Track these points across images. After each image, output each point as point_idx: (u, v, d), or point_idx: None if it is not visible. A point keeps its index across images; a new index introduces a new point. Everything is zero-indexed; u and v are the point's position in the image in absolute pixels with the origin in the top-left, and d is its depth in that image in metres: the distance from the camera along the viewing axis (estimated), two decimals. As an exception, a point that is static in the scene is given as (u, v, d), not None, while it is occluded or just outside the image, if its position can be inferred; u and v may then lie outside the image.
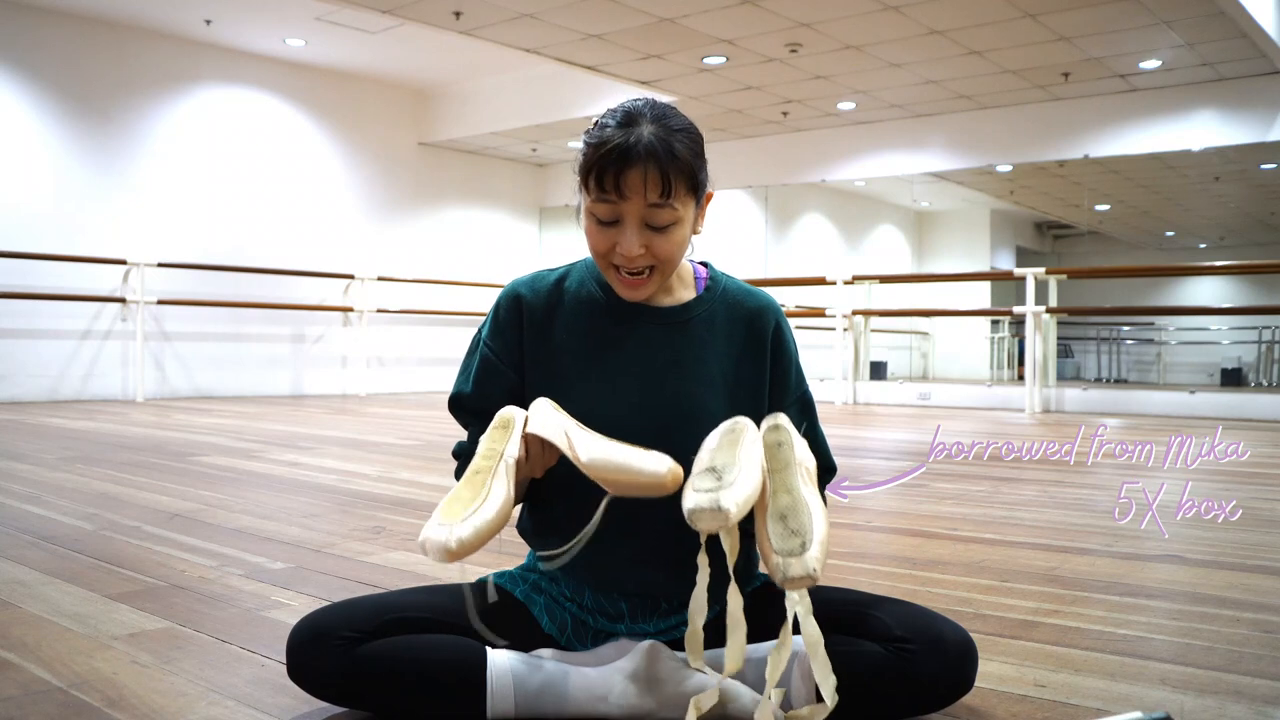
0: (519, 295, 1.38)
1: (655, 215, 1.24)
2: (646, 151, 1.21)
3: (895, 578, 2.11)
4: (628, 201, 1.23)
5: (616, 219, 1.25)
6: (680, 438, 1.28)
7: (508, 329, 1.37)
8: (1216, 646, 1.62)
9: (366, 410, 7.54)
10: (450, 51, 8.86)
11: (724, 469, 1.09)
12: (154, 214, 8.60)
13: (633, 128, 1.23)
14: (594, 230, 1.28)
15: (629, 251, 1.25)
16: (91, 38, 8.22)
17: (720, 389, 1.35)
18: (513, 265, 11.64)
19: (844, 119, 9.83)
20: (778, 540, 1.08)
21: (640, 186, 1.22)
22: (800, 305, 10.63)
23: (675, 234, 1.27)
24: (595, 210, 1.26)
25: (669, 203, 1.24)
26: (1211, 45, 7.31)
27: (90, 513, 2.82)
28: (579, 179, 1.28)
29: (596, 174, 1.23)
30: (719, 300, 1.39)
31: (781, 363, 1.40)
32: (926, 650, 1.21)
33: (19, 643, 1.59)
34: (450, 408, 1.41)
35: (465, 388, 1.39)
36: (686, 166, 1.24)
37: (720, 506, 1.03)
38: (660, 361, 1.34)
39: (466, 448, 1.39)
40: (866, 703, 1.20)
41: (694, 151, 1.26)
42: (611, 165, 1.22)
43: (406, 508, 2.99)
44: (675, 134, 1.24)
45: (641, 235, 1.25)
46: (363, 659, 1.21)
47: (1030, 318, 7.88)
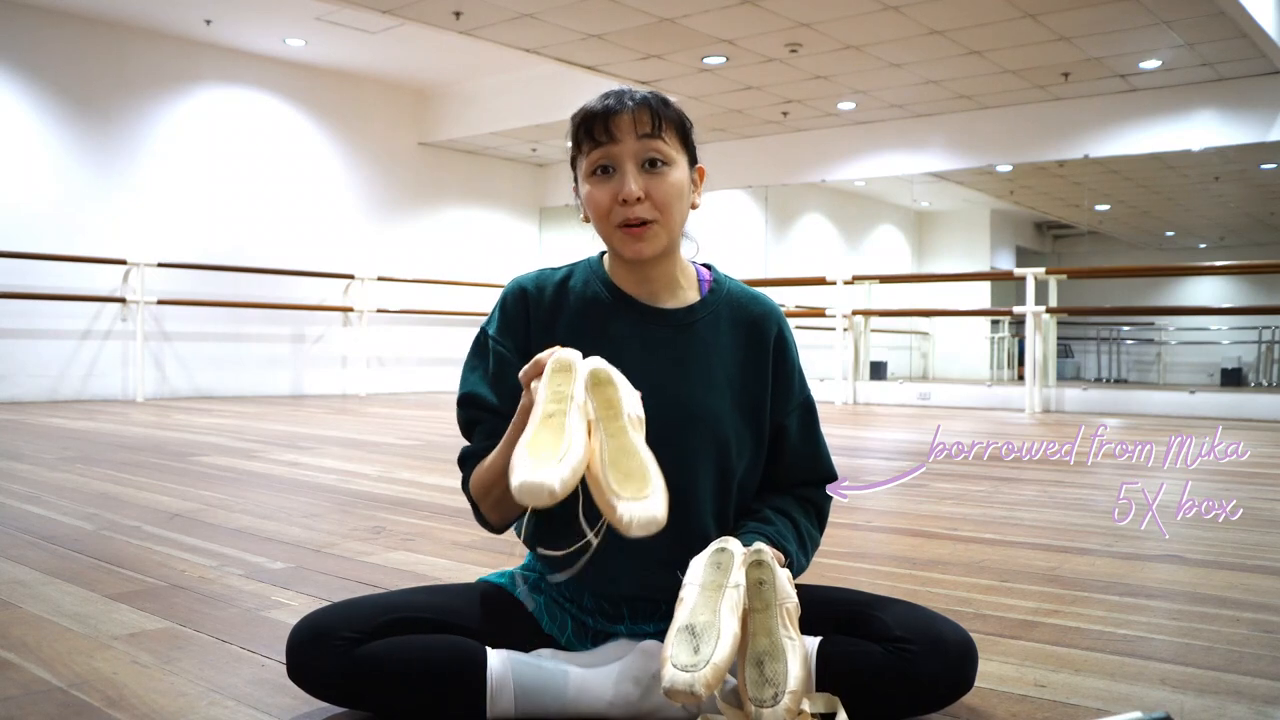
0: (525, 290, 1.37)
1: (648, 149, 1.27)
2: (630, 98, 1.28)
3: (895, 578, 2.11)
4: (619, 143, 1.27)
5: (611, 164, 1.28)
6: (683, 439, 1.30)
7: (516, 323, 1.37)
8: (1216, 646, 1.62)
9: (366, 410, 7.54)
10: (450, 51, 8.86)
11: (703, 632, 1.10)
12: (154, 214, 8.60)
13: (620, 93, 1.30)
14: (594, 189, 1.29)
15: (629, 193, 1.26)
16: (91, 38, 8.22)
17: (724, 391, 1.35)
18: (513, 265, 11.64)
19: (844, 119, 9.83)
20: (752, 688, 1.11)
21: (630, 124, 1.26)
22: (800, 305, 10.63)
23: (671, 175, 1.29)
24: (591, 165, 1.29)
25: (660, 135, 1.28)
26: (1211, 45, 7.31)
27: (90, 513, 2.82)
28: (572, 152, 1.32)
29: (587, 128, 1.27)
30: (723, 303, 1.39)
31: (784, 369, 1.40)
32: (927, 650, 1.21)
33: (19, 643, 1.59)
34: (463, 406, 1.38)
35: (479, 387, 1.36)
36: (675, 114, 1.30)
37: (694, 691, 1.05)
38: (664, 362, 1.34)
39: (478, 444, 1.35)
40: (867, 703, 1.21)
41: (680, 112, 1.31)
42: (599, 116, 1.27)
43: (406, 508, 2.99)
44: (654, 94, 1.30)
45: (639, 178, 1.27)
46: (363, 659, 1.20)
47: (1030, 318, 7.88)
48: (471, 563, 2.24)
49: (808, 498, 1.43)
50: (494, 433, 1.31)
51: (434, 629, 1.26)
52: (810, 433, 1.43)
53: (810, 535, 1.40)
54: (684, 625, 1.11)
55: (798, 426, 1.41)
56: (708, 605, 1.14)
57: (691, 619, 1.12)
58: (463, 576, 2.05)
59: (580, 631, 1.35)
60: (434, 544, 2.45)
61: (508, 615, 1.34)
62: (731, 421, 1.34)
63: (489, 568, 1.96)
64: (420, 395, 9.86)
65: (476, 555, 2.33)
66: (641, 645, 1.26)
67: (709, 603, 1.14)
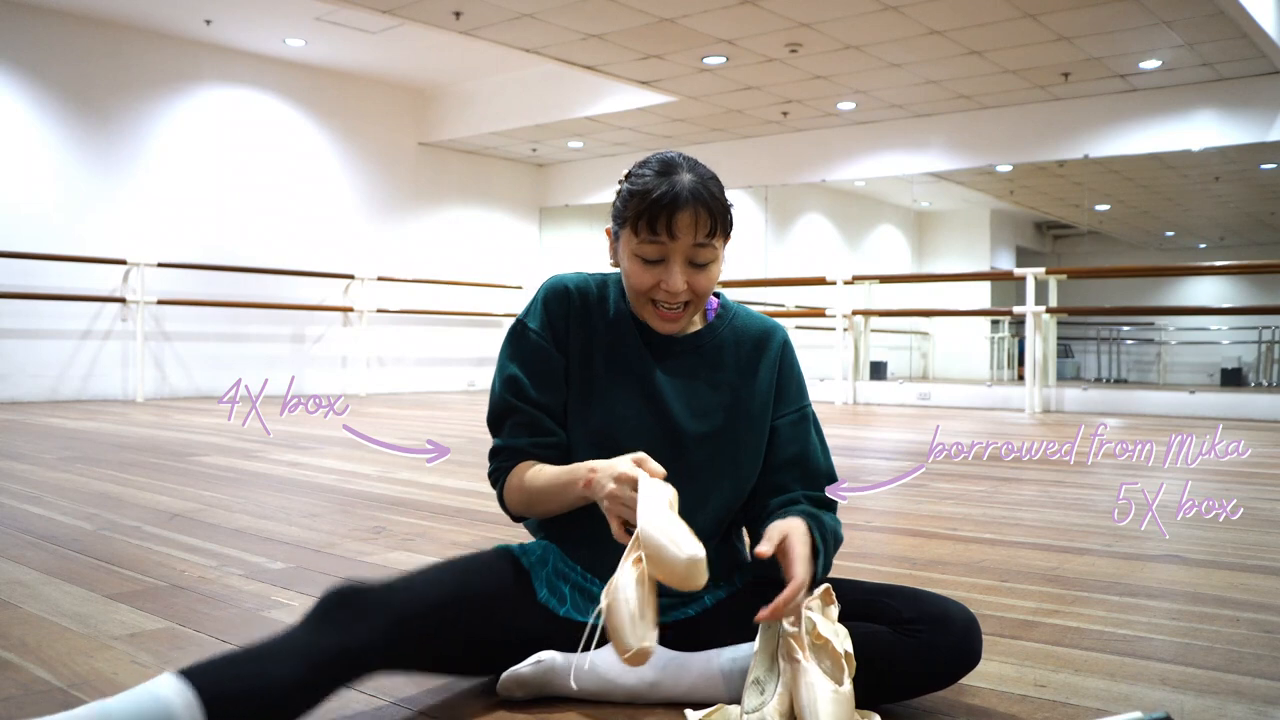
0: (568, 289, 1.43)
1: (699, 253, 1.34)
2: (693, 195, 1.32)
3: (895, 578, 2.11)
4: (677, 241, 1.32)
5: (662, 258, 1.34)
6: (689, 459, 1.38)
7: (556, 317, 1.42)
8: (1216, 646, 1.62)
9: (366, 410, 7.54)
10: (450, 51, 8.86)
11: (766, 678, 1.21)
12: (154, 214, 8.60)
13: (673, 175, 1.33)
14: (638, 269, 1.35)
15: (675, 288, 1.33)
16: (91, 38, 8.22)
17: (728, 411, 1.42)
18: (512, 265, 11.64)
19: (844, 119, 9.83)
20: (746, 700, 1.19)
21: (690, 228, 1.32)
22: (800, 305, 10.62)
23: (713, 270, 1.37)
24: (642, 251, 1.34)
25: (711, 241, 1.34)
26: (1211, 45, 7.31)
27: (90, 513, 2.82)
28: (619, 224, 1.36)
29: (648, 219, 1.32)
30: (727, 327, 1.46)
31: (784, 375, 1.46)
32: (933, 627, 1.26)
33: (19, 643, 1.59)
34: (504, 392, 1.41)
35: (518, 373, 1.40)
36: (723, 208, 1.36)
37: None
38: (671, 388, 1.41)
39: (515, 438, 1.40)
40: (882, 682, 1.26)
41: (724, 196, 1.37)
42: (664, 210, 1.31)
43: (406, 508, 2.99)
44: (709, 180, 1.35)
45: (684, 271, 1.34)
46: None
47: (1030, 318, 7.88)
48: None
49: (809, 497, 1.43)
50: (529, 425, 1.39)
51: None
52: (802, 436, 1.45)
53: (835, 532, 1.41)
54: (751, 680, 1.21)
55: (789, 427, 1.44)
56: (766, 655, 1.23)
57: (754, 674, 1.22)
58: (463, 576, 2.04)
59: (579, 601, 1.38)
60: (434, 544, 2.45)
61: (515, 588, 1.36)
62: (735, 439, 1.41)
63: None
64: (420, 395, 9.86)
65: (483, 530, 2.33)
66: None
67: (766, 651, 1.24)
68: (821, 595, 1.25)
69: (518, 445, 1.40)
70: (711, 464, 1.39)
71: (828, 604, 1.26)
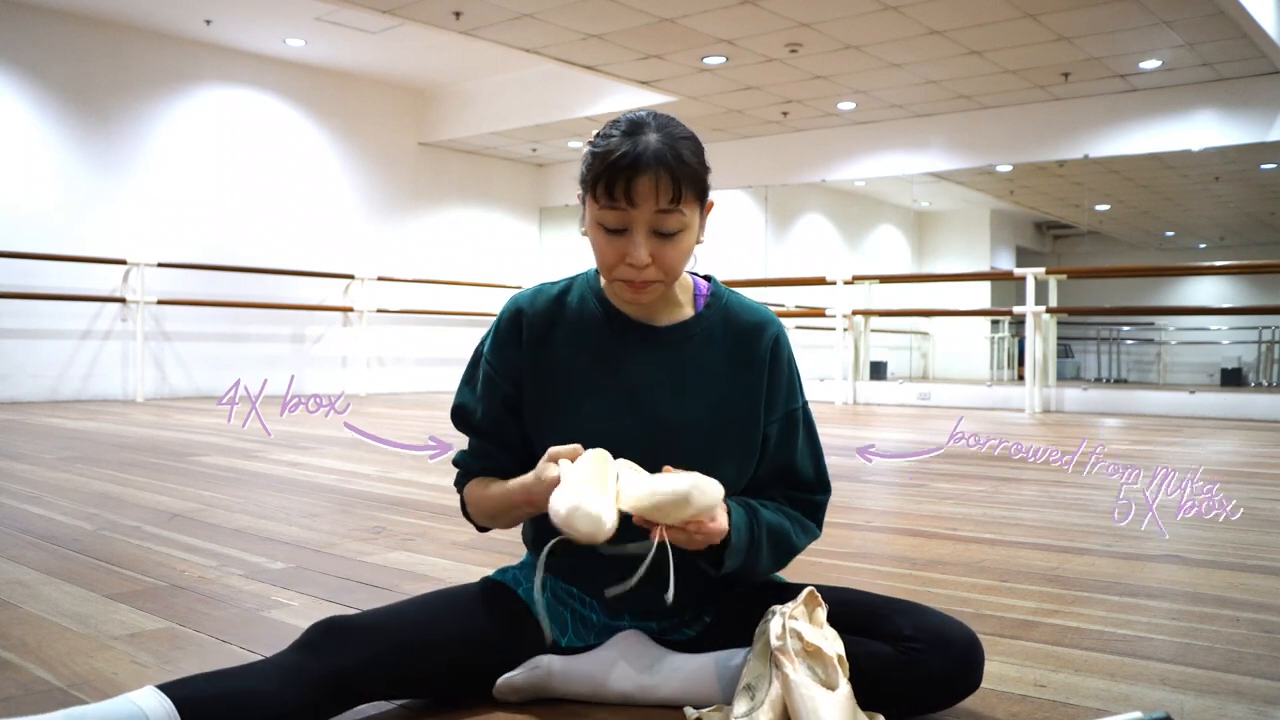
0: (520, 310, 1.38)
1: (664, 221, 1.24)
2: (655, 158, 1.22)
3: (895, 578, 2.11)
4: (637, 209, 1.23)
5: (624, 227, 1.25)
6: (675, 455, 1.30)
7: (508, 344, 1.38)
8: (1216, 646, 1.62)
9: (366, 410, 7.54)
10: (450, 51, 8.86)
11: (757, 683, 1.20)
12: (154, 214, 8.60)
13: (638, 136, 1.23)
14: (601, 241, 1.28)
15: (638, 260, 1.25)
16: (91, 38, 8.22)
17: (716, 406, 1.35)
18: (513, 265, 11.64)
19: (844, 119, 9.83)
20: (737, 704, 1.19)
21: (650, 193, 1.22)
22: (800, 305, 10.62)
23: (682, 241, 1.27)
24: (603, 219, 1.26)
25: (678, 208, 1.24)
26: (1211, 45, 7.31)
27: (90, 513, 2.82)
28: (584, 189, 1.29)
29: (606, 182, 1.23)
30: (718, 317, 1.38)
31: (775, 374, 1.38)
32: (933, 649, 1.23)
33: (19, 643, 1.59)
34: (453, 418, 1.45)
35: (469, 400, 1.42)
36: (693, 172, 1.25)
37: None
38: (656, 381, 1.34)
39: (467, 459, 1.43)
40: (878, 701, 1.23)
41: (699, 158, 1.27)
42: (621, 173, 1.22)
43: (406, 508, 2.99)
44: (680, 141, 1.25)
45: (649, 243, 1.25)
46: None
47: (1030, 318, 7.88)
48: (471, 563, 2.24)
49: (793, 499, 1.41)
50: (480, 452, 1.40)
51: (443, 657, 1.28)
52: (790, 445, 1.39)
53: (782, 534, 1.36)
54: (743, 686, 1.21)
55: (779, 434, 1.38)
56: (759, 662, 1.23)
57: (746, 679, 1.21)
58: (463, 576, 2.05)
59: (581, 629, 1.36)
60: (434, 544, 2.45)
61: (511, 621, 1.35)
62: (723, 435, 1.34)
63: (489, 567, 1.96)
64: (420, 395, 9.86)
65: (476, 555, 2.33)
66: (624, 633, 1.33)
67: (760, 658, 1.23)
68: (806, 599, 1.22)
69: (471, 466, 1.43)
70: (703, 455, 1.30)
71: (814, 607, 1.22)
